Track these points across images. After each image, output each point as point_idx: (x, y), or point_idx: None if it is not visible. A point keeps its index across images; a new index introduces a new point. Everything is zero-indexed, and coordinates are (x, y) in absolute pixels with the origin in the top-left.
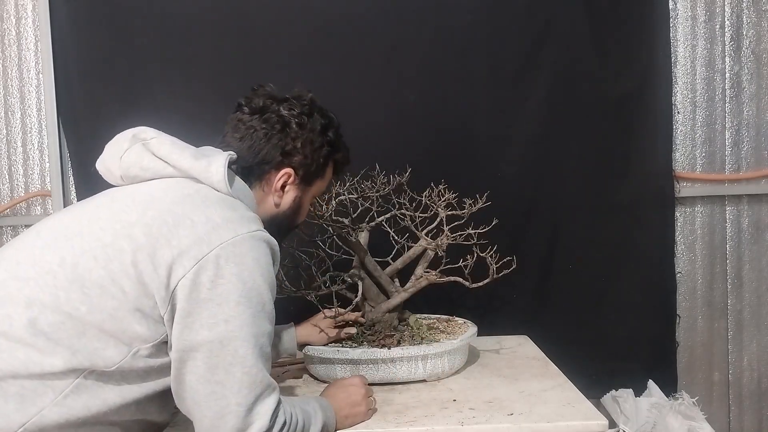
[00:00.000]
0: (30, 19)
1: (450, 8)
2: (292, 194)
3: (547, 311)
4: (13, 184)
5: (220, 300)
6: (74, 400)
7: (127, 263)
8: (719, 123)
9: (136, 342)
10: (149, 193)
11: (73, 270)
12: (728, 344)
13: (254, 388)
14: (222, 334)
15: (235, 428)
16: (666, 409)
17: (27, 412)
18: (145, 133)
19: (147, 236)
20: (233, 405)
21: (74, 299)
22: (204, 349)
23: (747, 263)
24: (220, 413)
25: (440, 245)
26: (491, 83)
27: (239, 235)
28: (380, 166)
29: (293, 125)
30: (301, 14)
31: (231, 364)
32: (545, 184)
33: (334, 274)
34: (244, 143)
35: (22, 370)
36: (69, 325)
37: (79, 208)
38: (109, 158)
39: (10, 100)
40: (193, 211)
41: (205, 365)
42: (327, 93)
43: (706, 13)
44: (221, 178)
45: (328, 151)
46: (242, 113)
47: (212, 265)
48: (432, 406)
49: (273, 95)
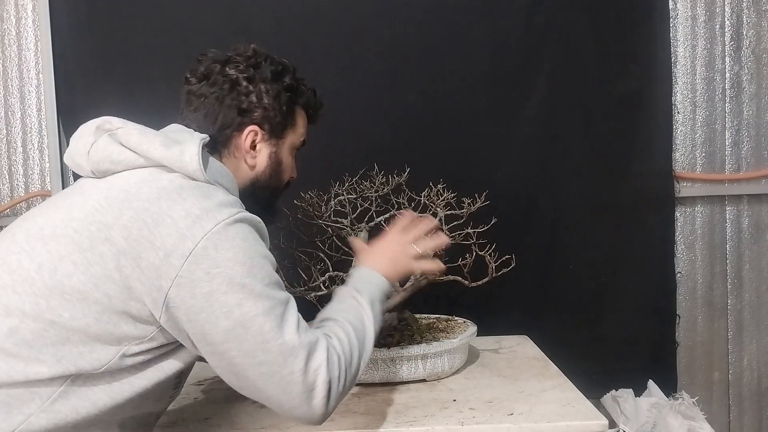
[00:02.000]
0: (30, 19)
1: (450, 8)
2: (266, 151)
3: (547, 311)
4: (13, 184)
5: (224, 288)
6: (62, 405)
7: (110, 268)
8: (719, 123)
9: (125, 341)
10: (123, 190)
11: (51, 276)
12: (728, 344)
13: (297, 353)
14: (240, 319)
15: (302, 394)
16: (666, 409)
17: (13, 420)
18: (109, 123)
19: (127, 240)
20: (288, 376)
21: (55, 306)
22: (231, 338)
23: (747, 263)
24: (282, 388)
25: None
26: (491, 83)
27: (220, 222)
28: (379, 166)
29: (242, 81)
30: (301, 14)
31: (264, 342)
32: (545, 184)
33: (334, 274)
34: (199, 113)
35: (5, 378)
36: (52, 332)
37: (52, 206)
38: (76, 154)
39: (10, 100)
40: (171, 206)
41: (240, 353)
42: (327, 93)
43: (706, 13)
44: (197, 167)
45: (289, 96)
46: (190, 84)
47: (203, 258)
48: (432, 406)
49: (215, 58)
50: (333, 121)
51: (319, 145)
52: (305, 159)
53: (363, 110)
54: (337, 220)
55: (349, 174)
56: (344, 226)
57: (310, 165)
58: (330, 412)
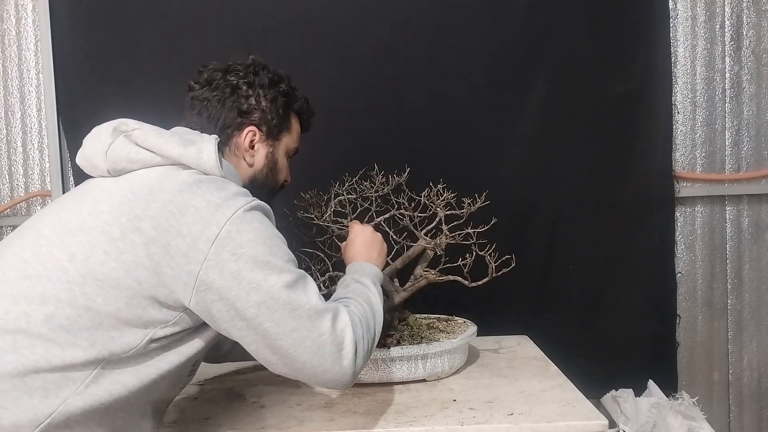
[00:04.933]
0: (30, 19)
1: (450, 8)
2: (263, 151)
3: (547, 311)
4: (13, 184)
5: (250, 266)
6: (96, 388)
7: (141, 255)
8: (719, 123)
9: (151, 325)
10: (146, 184)
11: (84, 264)
12: (728, 344)
13: (323, 315)
14: (270, 292)
15: (333, 354)
16: (666, 409)
17: (52, 403)
18: (125, 125)
19: (156, 229)
20: (318, 338)
21: (89, 292)
22: (262, 310)
23: (747, 263)
24: (314, 351)
25: (439, 245)
26: (491, 83)
27: (239, 208)
28: (379, 166)
29: (242, 85)
30: (300, 14)
31: (293, 309)
32: (545, 184)
33: (334, 274)
34: (202, 116)
35: (43, 364)
36: (86, 317)
37: (73, 202)
38: (92, 154)
39: (10, 100)
40: (193, 197)
41: (273, 323)
42: (327, 93)
43: (706, 13)
44: (214, 163)
45: (284, 101)
46: (193, 91)
47: (227, 241)
48: (432, 406)
49: (217, 68)
50: (333, 121)
51: (319, 145)
52: (305, 159)
53: (363, 110)
54: (338, 221)
55: (349, 174)
56: (344, 226)
57: (310, 165)
58: (358, 371)
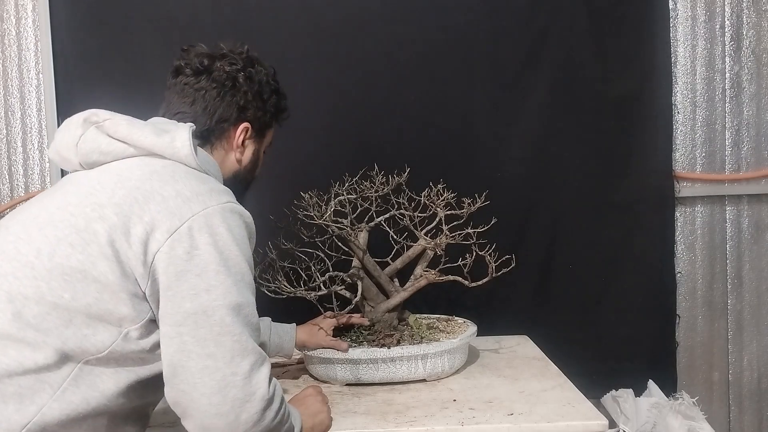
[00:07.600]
0: (30, 19)
1: (450, 8)
2: (251, 148)
3: (547, 311)
4: (13, 184)
5: (198, 270)
6: (73, 394)
7: (103, 244)
8: (719, 123)
9: (124, 323)
10: (116, 173)
11: (51, 259)
12: (728, 344)
13: (247, 356)
14: (205, 304)
15: (237, 399)
16: (666, 409)
17: (27, 411)
18: (96, 115)
19: (118, 215)
20: (229, 376)
21: (56, 288)
22: (189, 321)
23: (747, 263)
24: (218, 387)
25: (439, 245)
26: (491, 83)
27: (209, 207)
28: (379, 166)
29: (241, 80)
30: (301, 14)
31: (219, 334)
32: (545, 184)
33: (334, 274)
34: (197, 106)
35: (16, 367)
36: (55, 314)
37: (45, 197)
38: (63, 147)
39: (10, 100)
40: (162, 186)
41: (193, 339)
42: (327, 93)
43: (706, 13)
44: (189, 152)
45: (276, 99)
46: (186, 76)
47: (186, 237)
48: (432, 406)
49: (209, 53)
50: (333, 121)
51: (319, 145)
52: (306, 159)
53: (363, 110)
54: (338, 220)
55: (349, 174)
56: (344, 226)
57: (310, 165)
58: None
